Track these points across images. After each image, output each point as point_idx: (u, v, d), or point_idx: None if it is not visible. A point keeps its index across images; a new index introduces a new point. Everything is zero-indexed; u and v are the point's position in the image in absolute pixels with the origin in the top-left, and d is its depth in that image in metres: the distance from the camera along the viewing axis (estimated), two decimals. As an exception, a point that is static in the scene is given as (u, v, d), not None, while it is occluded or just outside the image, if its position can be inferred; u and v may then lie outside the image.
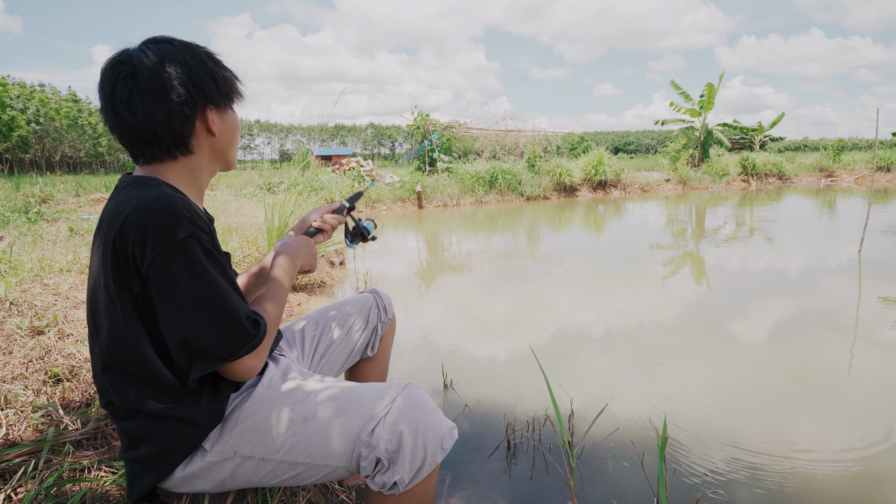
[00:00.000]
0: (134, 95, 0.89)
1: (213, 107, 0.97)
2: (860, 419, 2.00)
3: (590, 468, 1.70)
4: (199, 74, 0.94)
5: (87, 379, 1.83)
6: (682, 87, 18.11)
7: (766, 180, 16.75)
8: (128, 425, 0.95)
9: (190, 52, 0.95)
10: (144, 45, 0.93)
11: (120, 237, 0.85)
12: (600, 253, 5.96)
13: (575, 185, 13.55)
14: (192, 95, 0.93)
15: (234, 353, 0.88)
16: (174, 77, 0.91)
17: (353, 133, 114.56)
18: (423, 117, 13.66)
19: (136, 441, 0.95)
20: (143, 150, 0.94)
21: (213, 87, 0.96)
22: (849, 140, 26.88)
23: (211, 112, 0.97)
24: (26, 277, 2.91)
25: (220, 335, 0.87)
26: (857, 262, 4.75)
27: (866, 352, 2.67)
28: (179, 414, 0.92)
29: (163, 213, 0.84)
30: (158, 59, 0.91)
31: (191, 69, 0.93)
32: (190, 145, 0.96)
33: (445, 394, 2.26)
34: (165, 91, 0.90)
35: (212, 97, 0.96)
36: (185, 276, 0.84)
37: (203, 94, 0.95)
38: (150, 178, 0.92)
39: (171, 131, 0.93)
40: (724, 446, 1.81)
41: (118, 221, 0.86)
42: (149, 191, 0.87)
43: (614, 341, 2.91)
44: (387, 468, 0.94)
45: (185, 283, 0.84)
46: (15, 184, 10.71)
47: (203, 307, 0.85)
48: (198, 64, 0.95)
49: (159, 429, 0.93)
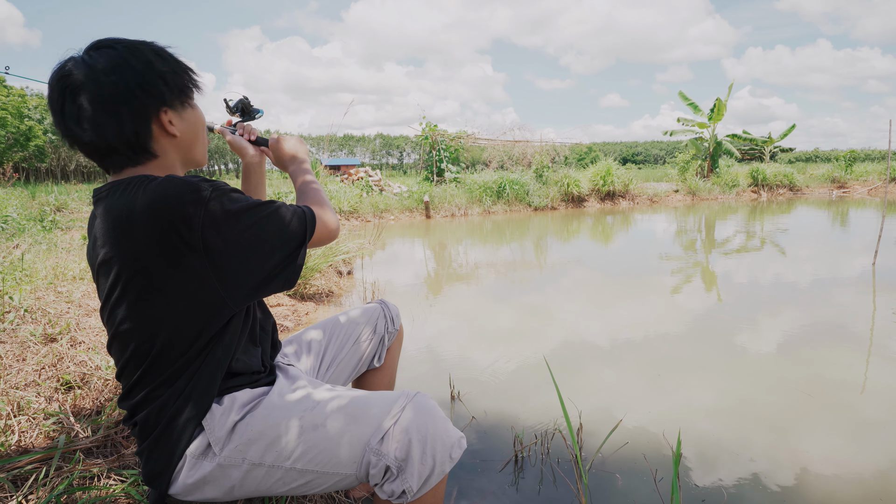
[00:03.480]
0: (82, 111, 0.88)
1: (168, 107, 0.95)
2: (874, 436, 1.96)
3: (599, 483, 1.68)
4: (146, 77, 0.91)
5: (97, 386, 1.85)
6: (691, 98, 18.09)
7: (777, 191, 16.62)
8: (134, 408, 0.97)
9: (134, 54, 0.91)
10: (87, 53, 0.91)
11: (149, 229, 0.84)
12: (608, 264, 5.93)
13: (583, 196, 13.53)
14: (141, 101, 0.91)
15: (303, 238, 0.99)
16: (120, 84, 0.89)
17: (362, 143, 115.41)
18: (432, 128, 13.75)
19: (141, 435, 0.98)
20: (107, 162, 0.95)
21: (164, 88, 0.93)
22: (861, 151, 26.66)
23: (166, 114, 0.95)
24: (40, 285, 2.95)
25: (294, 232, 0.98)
26: (871, 274, 4.69)
27: (881, 366, 2.62)
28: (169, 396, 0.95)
29: (182, 186, 0.86)
30: (102, 68, 0.88)
31: (137, 73, 0.90)
32: (152, 150, 0.95)
33: (453, 405, 2.25)
34: (113, 102, 0.89)
35: (163, 98, 0.94)
36: (237, 225, 0.89)
37: (153, 96, 0.92)
38: (136, 177, 0.90)
39: (127, 142, 0.92)
40: (735, 462, 1.78)
41: (135, 219, 0.85)
42: (150, 182, 0.87)
43: (622, 353, 2.89)
44: (395, 476, 0.94)
45: (245, 225, 0.90)
46: (31, 192, 10.89)
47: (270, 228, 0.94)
48: (144, 65, 0.91)
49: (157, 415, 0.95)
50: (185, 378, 0.95)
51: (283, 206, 0.98)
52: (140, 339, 0.93)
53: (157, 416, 0.95)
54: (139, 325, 0.92)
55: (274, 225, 0.94)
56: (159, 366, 0.94)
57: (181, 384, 0.95)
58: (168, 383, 0.95)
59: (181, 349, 0.94)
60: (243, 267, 0.91)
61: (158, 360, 0.94)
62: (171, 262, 0.87)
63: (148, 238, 0.85)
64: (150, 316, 0.91)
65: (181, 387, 0.95)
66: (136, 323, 0.92)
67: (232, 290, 0.92)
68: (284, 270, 0.97)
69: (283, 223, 0.96)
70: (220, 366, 0.97)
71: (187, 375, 0.95)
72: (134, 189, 0.88)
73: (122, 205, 0.87)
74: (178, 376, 0.95)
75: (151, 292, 0.89)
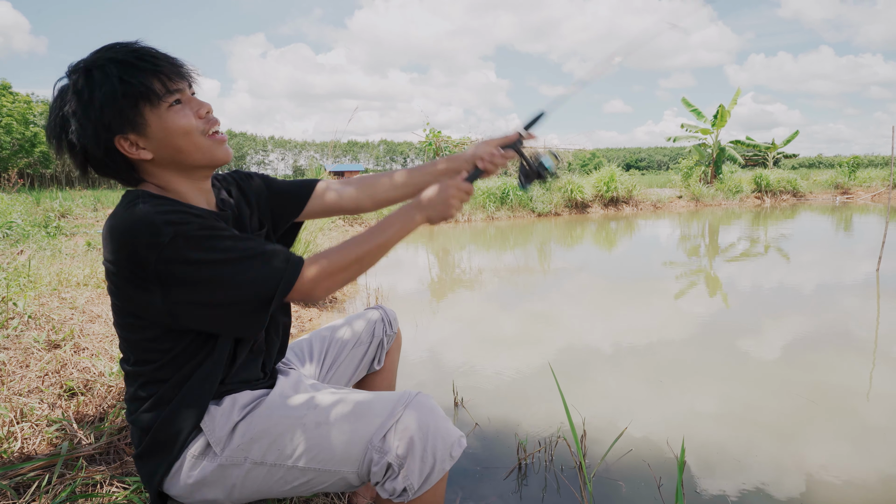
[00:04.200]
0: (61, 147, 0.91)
1: (121, 134, 0.89)
2: (879, 442, 1.95)
3: (604, 491, 1.67)
4: (88, 111, 0.86)
5: (100, 393, 1.85)
6: (694, 105, 18.10)
7: (781, 197, 16.59)
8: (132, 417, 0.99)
9: (84, 82, 0.86)
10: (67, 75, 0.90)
11: (116, 256, 0.88)
12: (612, 270, 5.91)
13: (586, 202, 13.52)
14: (92, 136, 0.87)
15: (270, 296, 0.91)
16: (70, 122, 0.88)
17: (366, 149, 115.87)
18: (435, 134, 13.79)
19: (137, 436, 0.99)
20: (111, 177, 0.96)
21: (110, 116, 0.87)
22: (864, 157, 26.55)
23: (124, 141, 0.90)
24: (44, 291, 2.96)
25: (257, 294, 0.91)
26: (875, 280, 4.66)
27: (885, 372, 2.60)
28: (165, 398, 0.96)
29: (141, 228, 0.85)
30: (53, 104, 0.89)
31: (85, 105, 0.86)
32: (136, 176, 0.95)
33: (456, 412, 2.24)
34: (70, 141, 0.89)
35: (111, 128, 0.88)
36: (189, 271, 0.87)
37: (100, 129, 0.87)
38: (131, 195, 0.92)
39: (109, 173, 0.94)
40: (739, 469, 1.77)
41: (108, 241, 0.89)
42: (126, 212, 0.88)
43: (626, 359, 2.87)
44: (397, 474, 0.94)
45: (193, 278, 0.88)
46: (35, 198, 10.94)
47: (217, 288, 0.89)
48: (91, 96, 0.86)
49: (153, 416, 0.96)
50: (177, 384, 0.97)
51: (257, 260, 0.91)
52: (130, 343, 0.97)
53: (152, 418, 0.97)
54: (126, 331, 0.97)
55: (232, 284, 0.89)
56: (152, 370, 0.97)
57: (173, 389, 0.97)
58: (162, 386, 0.97)
59: (166, 360, 0.96)
60: (196, 311, 0.92)
61: (149, 364, 0.96)
62: (134, 285, 0.89)
63: (116, 259, 0.89)
64: (130, 325, 0.96)
65: (174, 391, 0.97)
66: (123, 329, 0.97)
67: (186, 325, 0.93)
68: (241, 327, 0.94)
69: (245, 282, 0.90)
70: (209, 376, 0.98)
71: (178, 382, 0.97)
72: (120, 209, 0.90)
73: (108, 222, 0.91)
74: (170, 381, 0.96)
75: (127, 305, 0.94)
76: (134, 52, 0.89)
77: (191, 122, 0.93)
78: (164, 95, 0.89)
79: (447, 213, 1.07)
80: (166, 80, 0.90)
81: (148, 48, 0.91)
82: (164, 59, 0.91)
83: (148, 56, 0.89)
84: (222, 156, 0.98)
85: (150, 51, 0.91)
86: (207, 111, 0.95)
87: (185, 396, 0.96)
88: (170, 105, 0.90)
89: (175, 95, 0.91)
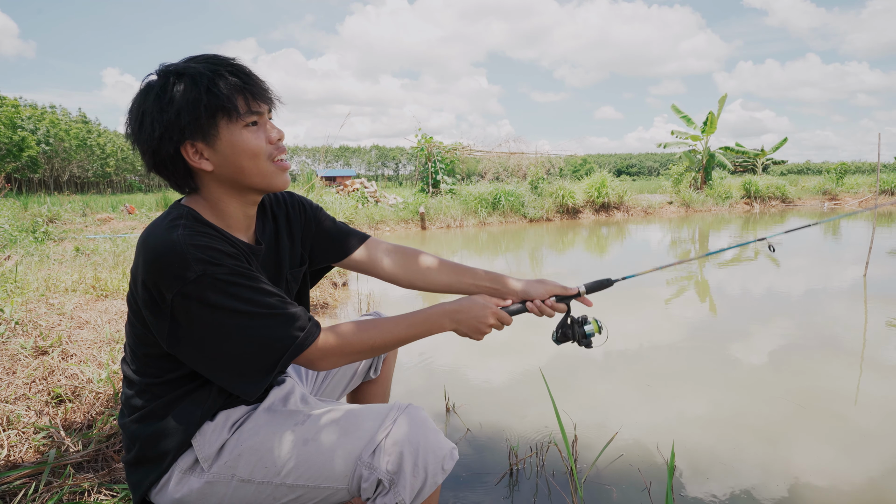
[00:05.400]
0: (132, 140, 0.92)
1: (190, 140, 0.89)
2: (867, 446, 1.97)
3: (595, 496, 1.67)
4: (147, 119, 0.88)
5: (89, 400, 1.83)
6: (684, 111, 18.30)
7: (769, 203, 16.78)
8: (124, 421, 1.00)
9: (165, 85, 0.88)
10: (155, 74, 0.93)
11: (142, 271, 0.90)
12: (602, 275, 5.92)
13: (578, 208, 13.60)
14: (162, 136, 0.88)
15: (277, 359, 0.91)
16: (142, 119, 0.89)
17: (358, 154, 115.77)
18: (427, 139, 13.82)
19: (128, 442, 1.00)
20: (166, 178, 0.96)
21: (184, 119, 0.87)
22: (852, 163, 27.00)
23: (190, 147, 0.90)
24: (32, 297, 2.93)
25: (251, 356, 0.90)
26: (862, 285, 4.73)
27: (873, 377, 2.64)
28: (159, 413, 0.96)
29: (172, 257, 0.86)
30: (134, 98, 0.91)
31: (164, 105, 0.87)
32: (192, 184, 0.95)
33: (447, 417, 2.24)
34: (143, 137, 0.90)
35: (182, 132, 0.88)
36: (203, 313, 0.87)
37: (172, 131, 0.88)
38: (175, 210, 0.94)
39: (166, 175, 0.94)
40: (729, 473, 1.78)
41: (140, 251, 0.91)
42: (164, 232, 0.89)
43: (615, 365, 2.89)
44: (388, 490, 0.93)
45: (206, 321, 0.88)
46: (23, 203, 10.82)
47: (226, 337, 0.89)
48: (172, 98, 0.87)
49: (144, 427, 0.96)
50: (172, 401, 0.97)
51: (276, 320, 0.91)
52: (135, 352, 0.98)
53: (144, 429, 0.96)
54: (134, 340, 0.97)
55: (244, 338, 0.89)
56: (150, 382, 0.97)
57: (168, 406, 0.96)
58: (157, 400, 0.96)
59: (166, 379, 0.96)
60: (197, 354, 0.92)
61: (149, 377, 0.97)
62: (150, 306, 0.90)
63: (142, 274, 0.90)
64: (140, 336, 0.96)
65: (168, 408, 0.96)
66: (132, 336, 0.98)
67: (184, 361, 0.93)
68: (236, 383, 0.92)
69: (256, 338, 0.89)
70: (206, 399, 0.98)
71: (173, 400, 0.97)
72: (161, 225, 0.91)
73: (146, 234, 0.91)
74: (165, 397, 0.96)
75: (139, 316, 0.94)
76: (228, 66, 0.90)
77: (261, 145, 0.93)
78: (244, 114, 0.90)
79: (477, 334, 1.09)
80: (251, 100, 0.91)
81: (242, 66, 0.92)
82: (255, 80, 0.92)
83: (241, 73, 0.91)
84: (280, 183, 0.98)
85: (244, 69, 0.92)
86: (279, 138, 0.96)
87: (179, 413, 0.96)
88: (246, 124, 0.91)
89: (254, 117, 0.92)
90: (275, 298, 0.92)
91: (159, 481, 0.97)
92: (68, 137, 46.35)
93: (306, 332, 0.94)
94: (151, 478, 0.96)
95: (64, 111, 58.23)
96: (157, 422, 0.96)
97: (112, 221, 10.79)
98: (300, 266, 1.16)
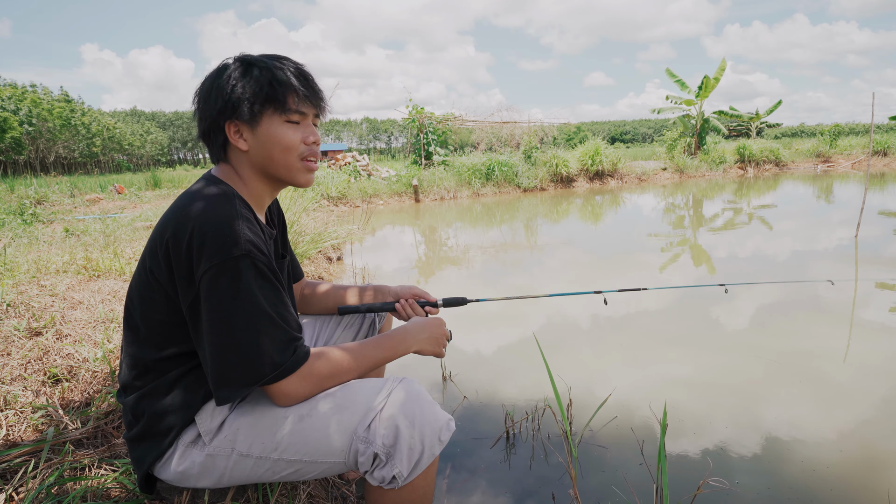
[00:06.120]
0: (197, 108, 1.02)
1: (235, 120, 0.98)
2: (852, 402, 2.02)
3: (589, 456, 1.71)
4: (221, 90, 0.97)
5: (85, 378, 1.83)
6: (678, 75, 18.05)
7: (763, 167, 16.76)
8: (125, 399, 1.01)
9: (234, 69, 0.98)
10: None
11: (176, 237, 0.90)
12: (597, 244, 5.96)
13: (572, 176, 13.53)
14: (213, 108, 0.98)
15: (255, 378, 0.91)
16: (208, 91, 0.99)
17: (349, 128, 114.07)
18: (419, 110, 13.61)
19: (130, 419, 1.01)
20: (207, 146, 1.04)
21: (236, 102, 0.97)
22: (845, 125, 26.83)
23: (233, 125, 0.98)
24: (22, 279, 2.91)
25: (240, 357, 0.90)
26: (853, 246, 4.77)
27: (864, 335, 2.68)
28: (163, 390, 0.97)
29: (224, 229, 0.88)
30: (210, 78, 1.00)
31: (219, 84, 0.98)
32: (224, 154, 1.02)
33: (444, 386, 2.27)
34: (206, 108, 0.99)
35: (230, 111, 0.97)
36: (229, 293, 0.88)
37: (221, 108, 0.97)
38: (218, 186, 0.97)
39: (206, 138, 1.02)
40: (723, 432, 1.82)
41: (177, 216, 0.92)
42: (216, 205, 0.91)
43: (609, 330, 2.92)
44: (385, 463, 0.94)
45: (228, 301, 0.88)
46: (9, 185, 10.66)
47: (238, 327, 0.89)
48: (228, 80, 0.97)
49: (149, 404, 0.97)
50: (178, 378, 0.97)
51: (274, 329, 0.91)
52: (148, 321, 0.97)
53: (148, 406, 0.97)
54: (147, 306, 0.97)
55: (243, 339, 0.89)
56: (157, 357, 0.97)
57: (173, 383, 0.97)
58: (163, 376, 0.97)
59: (175, 351, 0.96)
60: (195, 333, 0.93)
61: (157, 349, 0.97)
62: (177, 272, 0.91)
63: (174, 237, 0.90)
64: (153, 300, 0.96)
65: (172, 385, 0.97)
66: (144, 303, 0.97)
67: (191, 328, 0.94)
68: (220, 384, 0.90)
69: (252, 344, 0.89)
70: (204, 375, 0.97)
71: (179, 376, 0.97)
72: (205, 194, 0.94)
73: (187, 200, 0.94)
74: (171, 373, 0.97)
75: (158, 280, 0.94)
76: (293, 66, 1.00)
77: (294, 142, 1.00)
78: (288, 110, 0.98)
79: (437, 350, 1.21)
80: (300, 101, 0.99)
81: (307, 72, 1.02)
82: (312, 84, 1.02)
83: (301, 76, 1.00)
84: (303, 180, 1.05)
85: (307, 74, 1.02)
86: (315, 141, 1.03)
87: (183, 390, 0.96)
88: (288, 120, 0.99)
89: (297, 115, 1.00)
90: (285, 308, 0.95)
91: (163, 456, 0.98)
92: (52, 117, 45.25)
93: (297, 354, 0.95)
94: (155, 453, 0.97)
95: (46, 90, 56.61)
96: (162, 398, 0.96)
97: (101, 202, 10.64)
98: (282, 259, 1.23)
